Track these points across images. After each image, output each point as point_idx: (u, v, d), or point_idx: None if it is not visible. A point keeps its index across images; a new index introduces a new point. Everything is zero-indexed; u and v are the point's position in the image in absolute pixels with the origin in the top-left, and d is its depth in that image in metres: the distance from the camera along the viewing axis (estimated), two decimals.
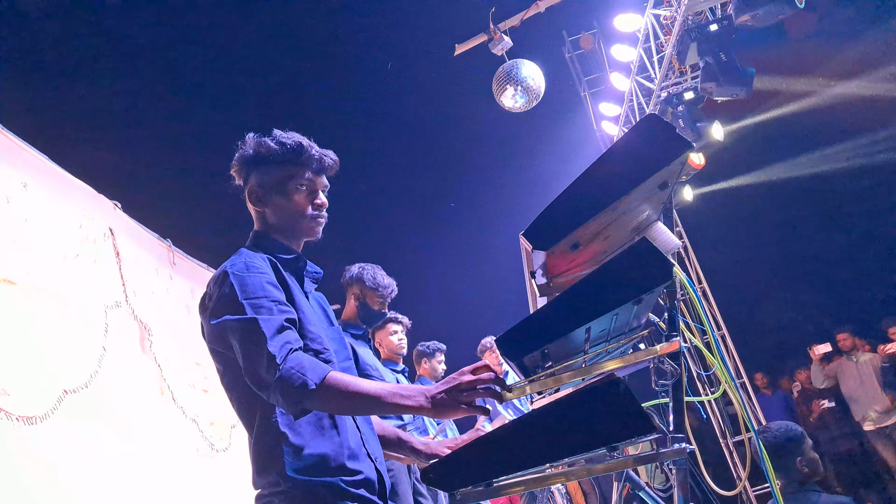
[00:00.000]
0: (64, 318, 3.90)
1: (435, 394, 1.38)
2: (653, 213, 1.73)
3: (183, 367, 5.18)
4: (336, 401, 1.40)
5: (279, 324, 1.47)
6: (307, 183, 1.72)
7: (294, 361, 1.40)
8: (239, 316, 1.47)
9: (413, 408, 1.37)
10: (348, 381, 1.41)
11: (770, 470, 1.80)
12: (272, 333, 1.44)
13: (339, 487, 1.50)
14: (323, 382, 1.38)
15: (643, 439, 1.51)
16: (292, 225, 1.72)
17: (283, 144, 1.70)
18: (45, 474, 3.51)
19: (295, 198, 1.71)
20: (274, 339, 1.43)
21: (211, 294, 1.57)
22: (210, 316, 1.55)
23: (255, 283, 1.53)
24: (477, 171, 10.80)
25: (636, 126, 1.49)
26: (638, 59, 6.94)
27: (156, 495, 4.49)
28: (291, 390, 1.38)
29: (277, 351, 1.41)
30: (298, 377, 1.38)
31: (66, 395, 3.79)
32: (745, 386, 7.59)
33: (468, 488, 1.41)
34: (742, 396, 7.26)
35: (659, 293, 1.58)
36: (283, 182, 1.70)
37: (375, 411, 1.44)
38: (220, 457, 5.50)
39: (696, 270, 7.93)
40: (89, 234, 4.43)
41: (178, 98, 8.75)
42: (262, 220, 1.75)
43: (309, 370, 1.39)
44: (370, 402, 1.40)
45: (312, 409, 1.42)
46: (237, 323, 1.47)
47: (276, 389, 1.39)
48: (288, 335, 1.47)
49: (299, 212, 1.71)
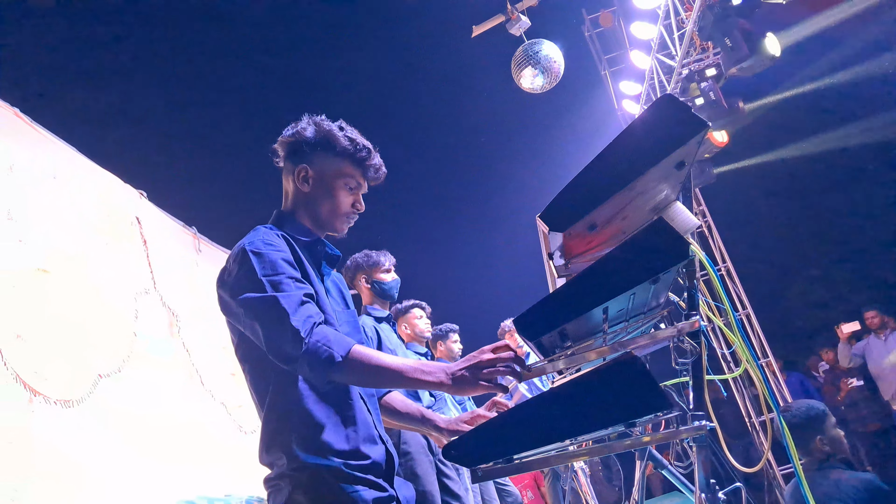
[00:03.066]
0: (95, 306, 4.00)
1: (455, 370, 1.41)
2: (671, 193, 1.73)
3: (210, 351, 5.29)
4: (361, 374, 1.43)
5: (299, 299, 1.49)
6: (357, 186, 1.77)
7: (319, 335, 1.43)
8: (259, 293, 1.50)
9: (433, 383, 1.40)
10: (372, 354, 1.44)
11: (792, 448, 1.80)
12: (294, 309, 1.46)
13: (344, 472, 1.51)
14: (348, 355, 1.42)
15: (660, 417, 1.53)
16: (327, 217, 1.76)
17: (354, 142, 1.74)
18: (79, 457, 3.63)
19: (341, 194, 1.75)
20: (296, 314, 1.45)
21: (230, 270, 1.61)
22: (229, 292, 1.57)
23: (274, 260, 1.56)
24: (496, 152, 10.76)
25: (652, 106, 1.49)
26: (658, 37, 6.84)
27: (186, 477, 4.61)
28: (318, 363, 1.41)
29: (301, 325, 1.44)
30: (325, 350, 1.41)
31: (101, 378, 3.90)
32: (771, 365, 7.52)
33: (489, 464, 1.44)
34: (766, 375, 7.23)
35: (676, 273, 1.59)
36: (336, 176, 1.74)
37: (397, 385, 1.46)
38: (247, 439, 5.62)
39: (720, 249, 7.84)
40: (117, 223, 4.53)
41: (200, 88, 8.83)
42: (297, 200, 1.77)
43: (335, 343, 1.43)
44: (393, 376, 1.43)
45: (339, 381, 1.45)
46: (257, 300, 1.50)
47: (302, 363, 1.42)
48: (309, 309, 1.49)
49: (339, 207, 1.75)
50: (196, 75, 8.69)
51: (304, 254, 1.69)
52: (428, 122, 10.53)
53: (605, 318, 1.49)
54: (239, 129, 8.77)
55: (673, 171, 1.56)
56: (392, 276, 3.59)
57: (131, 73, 8.05)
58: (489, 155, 10.75)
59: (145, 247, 4.84)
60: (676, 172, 1.58)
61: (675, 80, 6.70)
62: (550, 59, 5.80)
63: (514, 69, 5.94)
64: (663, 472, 2.28)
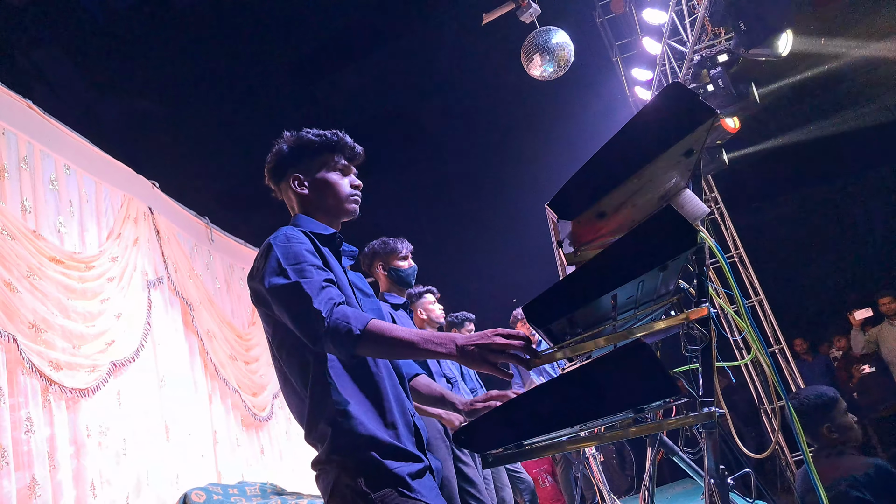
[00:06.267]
0: (109, 295, 4.05)
1: (466, 344, 1.47)
2: (680, 181, 1.73)
3: (225, 340, 5.35)
4: (378, 345, 1.53)
5: (321, 283, 1.62)
6: (343, 168, 1.92)
7: (339, 313, 1.55)
8: (284, 281, 1.63)
9: (443, 353, 1.49)
10: (387, 327, 1.54)
11: (801, 435, 1.81)
12: (316, 292, 1.59)
13: (385, 449, 1.61)
14: (366, 328, 1.52)
15: (670, 403, 1.54)
16: (334, 205, 1.89)
17: (321, 135, 1.90)
18: (93, 444, 3.69)
19: (334, 180, 1.89)
20: (318, 297, 1.58)
21: (258, 266, 1.73)
22: (259, 283, 1.69)
23: (297, 251, 1.69)
24: (507, 139, 10.72)
25: (659, 94, 1.49)
26: (670, 23, 6.77)
27: (199, 464, 4.67)
28: (339, 338, 1.52)
29: (323, 306, 1.56)
30: (344, 325, 1.52)
31: (116, 368, 3.96)
32: (784, 352, 7.49)
33: (499, 450, 1.46)
34: (777, 362, 7.19)
35: (685, 260, 1.59)
36: (324, 168, 1.90)
37: (411, 355, 1.55)
38: (262, 425, 5.69)
39: (732, 236, 7.79)
40: (130, 214, 4.57)
41: (214, 77, 8.86)
42: (303, 202, 1.91)
43: (353, 319, 1.54)
44: (407, 347, 1.52)
45: (361, 353, 1.56)
46: (283, 288, 1.62)
47: (326, 339, 1.54)
48: (330, 292, 1.61)
49: (339, 191, 1.89)
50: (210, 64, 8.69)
51: (324, 247, 1.81)
52: (436, 109, 10.50)
53: (614, 306, 1.50)
54: (252, 119, 8.79)
55: (682, 158, 1.56)
56: (409, 263, 3.61)
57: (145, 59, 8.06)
58: (500, 140, 10.71)
59: (158, 237, 4.88)
60: (685, 160, 1.58)
61: (687, 67, 6.64)
62: (561, 46, 5.77)
63: (523, 57, 5.90)
64: (674, 459, 2.29)
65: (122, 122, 7.90)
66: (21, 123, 3.76)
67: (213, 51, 8.46)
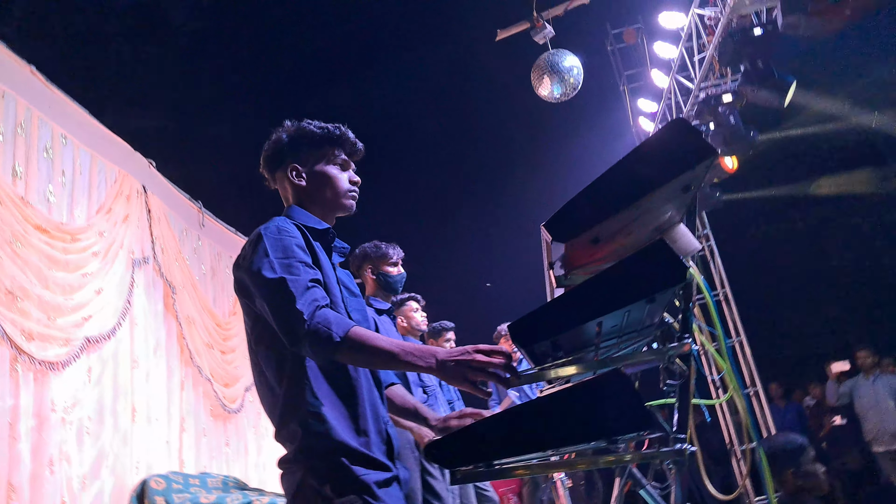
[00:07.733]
0: (92, 270, 4.00)
1: (446, 359, 1.46)
2: (675, 215, 1.73)
3: (204, 327, 5.29)
4: (358, 354, 1.51)
5: (306, 283, 1.57)
6: (342, 162, 1.88)
7: (321, 317, 1.51)
8: (270, 275, 1.58)
9: (423, 367, 1.47)
10: (369, 335, 1.51)
11: (768, 479, 1.81)
12: (301, 292, 1.55)
13: (354, 455, 1.58)
14: (347, 335, 1.49)
15: (644, 436, 1.54)
16: (331, 198, 1.86)
17: (324, 127, 1.87)
18: (56, 419, 3.62)
19: (333, 173, 1.86)
20: (302, 297, 1.54)
21: (245, 254, 1.69)
22: (244, 274, 1.66)
23: (286, 245, 1.64)
24: (506, 158, 10.76)
25: (664, 128, 1.50)
26: (679, 58, 6.84)
27: (166, 451, 4.61)
28: (319, 342, 1.49)
29: (305, 308, 1.52)
30: (325, 331, 1.49)
31: (89, 344, 3.90)
32: (759, 395, 7.52)
33: (469, 467, 1.45)
34: (750, 405, 7.20)
35: (673, 294, 1.59)
36: (323, 160, 1.86)
37: (391, 366, 1.53)
38: (231, 417, 5.63)
39: (719, 274, 7.84)
40: (123, 190, 4.53)
41: (218, 62, 8.84)
42: (299, 194, 1.87)
43: (334, 324, 1.50)
44: (387, 358, 1.49)
45: (340, 360, 1.54)
46: (268, 282, 1.58)
47: (305, 342, 1.50)
48: (315, 293, 1.57)
49: (337, 185, 1.86)
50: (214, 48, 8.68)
51: (316, 243, 1.77)
52: (439, 123, 10.51)
53: (598, 333, 1.49)
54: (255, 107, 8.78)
55: (679, 193, 1.57)
56: (399, 269, 3.59)
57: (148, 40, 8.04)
58: (501, 159, 10.75)
59: (149, 216, 4.84)
60: (682, 195, 1.59)
61: (692, 103, 6.71)
62: (571, 70, 5.80)
63: (534, 76, 5.93)
64: (641, 493, 2.28)
65: (123, 99, 7.86)
66: (21, 88, 3.71)
67: (215, 32, 8.46)
